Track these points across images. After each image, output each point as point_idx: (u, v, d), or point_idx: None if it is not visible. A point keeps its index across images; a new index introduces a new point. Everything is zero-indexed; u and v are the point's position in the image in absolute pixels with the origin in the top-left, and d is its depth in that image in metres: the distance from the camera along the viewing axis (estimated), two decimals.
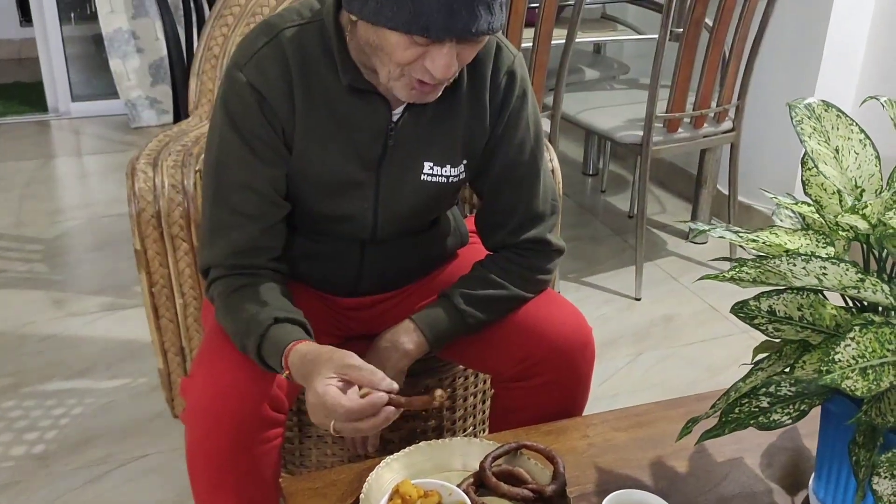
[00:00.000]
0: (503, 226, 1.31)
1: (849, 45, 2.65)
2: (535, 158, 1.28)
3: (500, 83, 1.23)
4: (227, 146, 1.19)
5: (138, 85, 3.82)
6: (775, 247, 1.00)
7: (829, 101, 0.99)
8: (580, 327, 1.29)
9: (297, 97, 1.17)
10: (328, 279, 1.35)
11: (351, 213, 1.25)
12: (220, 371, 1.17)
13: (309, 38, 1.16)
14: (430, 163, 1.24)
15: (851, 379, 0.84)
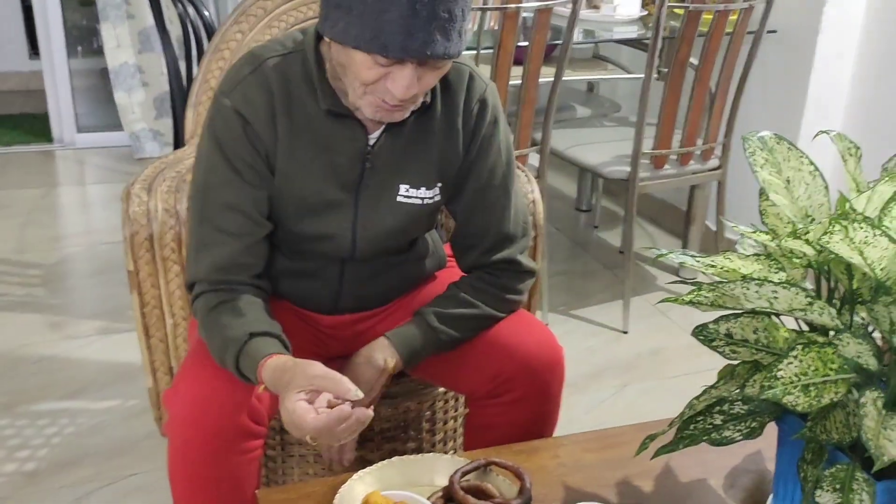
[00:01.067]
0: (476, 247, 1.36)
1: (833, 87, 2.72)
2: (506, 182, 1.34)
3: (472, 110, 1.29)
4: (213, 168, 1.25)
5: (142, 118, 3.91)
6: (731, 272, 1.05)
7: (781, 135, 1.04)
8: (550, 346, 1.34)
9: (279, 122, 1.23)
10: (309, 297, 1.40)
11: (330, 232, 1.30)
12: (200, 382, 1.22)
13: (291, 67, 1.23)
14: (405, 185, 1.30)
15: (793, 395, 0.88)
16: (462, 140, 1.30)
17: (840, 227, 0.84)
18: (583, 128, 2.86)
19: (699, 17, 2.31)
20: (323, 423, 1.06)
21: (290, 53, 1.24)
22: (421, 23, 1.07)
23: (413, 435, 1.60)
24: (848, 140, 1.04)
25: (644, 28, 2.75)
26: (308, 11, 1.84)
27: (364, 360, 1.30)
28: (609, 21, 2.72)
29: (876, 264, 0.87)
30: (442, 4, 1.07)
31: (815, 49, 2.65)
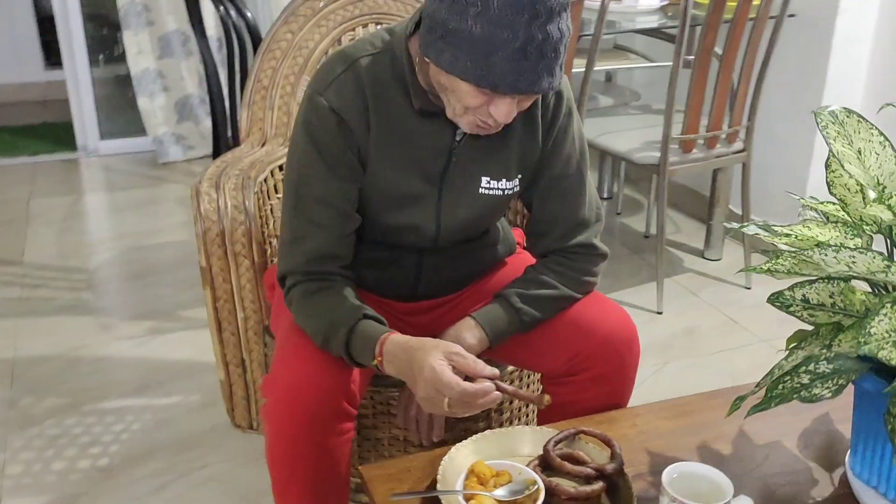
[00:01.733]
0: (551, 233, 1.42)
1: (851, 68, 2.79)
2: (580, 170, 1.41)
3: (549, 102, 1.36)
4: (307, 163, 1.31)
5: (165, 122, 3.96)
6: (807, 240, 1.12)
7: (849, 108, 1.11)
8: (626, 324, 1.40)
9: (371, 119, 1.29)
10: (388, 285, 1.47)
11: (415, 223, 1.37)
12: (299, 368, 1.28)
13: (381, 66, 1.29)
14: (487, 177, 1.36)
15: (886, 350, 0.95)
16: (541, 132, 1.36)
17: None
18: (607, 116, 2.92)
19: (724, 4, 2.38)
20: (472, 390, 1.15)
21: (380, 53, 1.30)
22: (530, 64, 1.12)
23: (481, 415, 1.66)
24: None
25: (665, 17, 2.81)
26: (354, 10, 1.90)
27: (453, 339, 1.36)
28: (631, 11, 2.79)
29: None
30: (549, 45, 1.12)
31: (833, 31, 2.72)
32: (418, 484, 1.20)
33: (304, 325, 1.32)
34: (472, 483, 1.14)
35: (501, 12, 1.10)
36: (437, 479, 1.17)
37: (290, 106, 1.87)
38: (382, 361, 1.24)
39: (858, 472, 1.19)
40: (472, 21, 1.12)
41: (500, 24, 1.11)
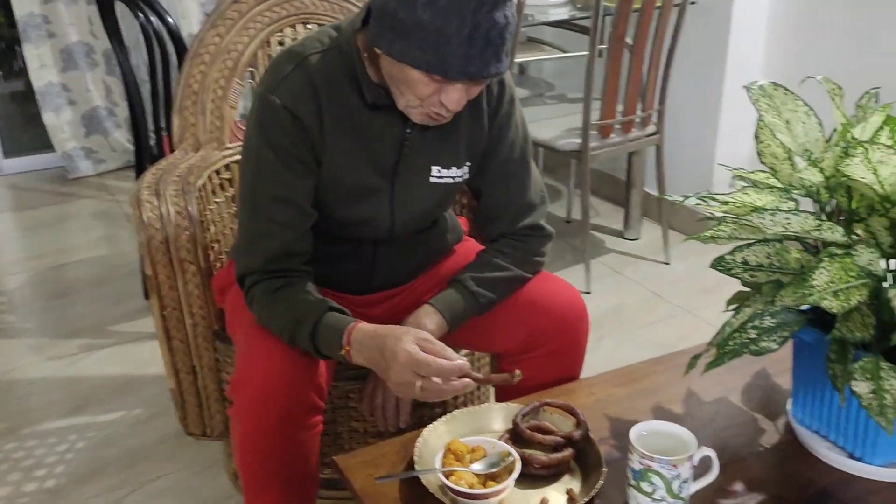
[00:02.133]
0: (501, 217, 1.48)
1: (749, 50, 2.95)
2: (525, 155, 1.47)
3: (493, 91, 1.41)
4: (262, 162, 1.32)
5: (73, 136, 3.84)
6: (745, 206, 1.20)
7: (776, 82, 1.20)
8: (577, 299, 1.47)
9: (324, 115, 1.32)
10: (344, 279, 1.49)
11: (371, 216, 1.40)
12: (266, 365, 1.29)
13: (331, 63, 1.32)
14: (437, 166, 1.40)
15: (828, 300, 1.04)
16: (486, 119, 1.41)
17: (862, 150, 1.00)
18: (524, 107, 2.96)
19: None
20: (448, 366, 1.18)
21: (329, 50, 1.32)
22: (478, 50, 1.17)
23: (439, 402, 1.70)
24: (832, 82, 1.21)
25: (574, 9, 2.91)
26: (282, 11, 1.91)
27: (413, 326, 1.37)
28: (544, 4, 2.87)
29: (886, 181, 1.03)
30: (495, 31, 1.18)
31: (731, 16, 2.87)
32: (395, 467, 1.23)
33: (268, 323, 1.33)
34: (449, 460, 1.18)
35: (450, 1, 1.15)
36: (413, 461, 1.21)
37: (221, 110, 1.86)
38: (350, 351, 1.26)
39: (800, 419, 1.28)
40: (422, 11, 1.16)
41: (448, 12, 1.15)
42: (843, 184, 1.10)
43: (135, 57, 3.28)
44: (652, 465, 1.09)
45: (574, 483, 1.20)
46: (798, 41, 2.88)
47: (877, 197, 1.08)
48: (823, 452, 1.23)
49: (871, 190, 1.08)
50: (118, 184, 3.79)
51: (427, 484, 1.16)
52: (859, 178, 1.04)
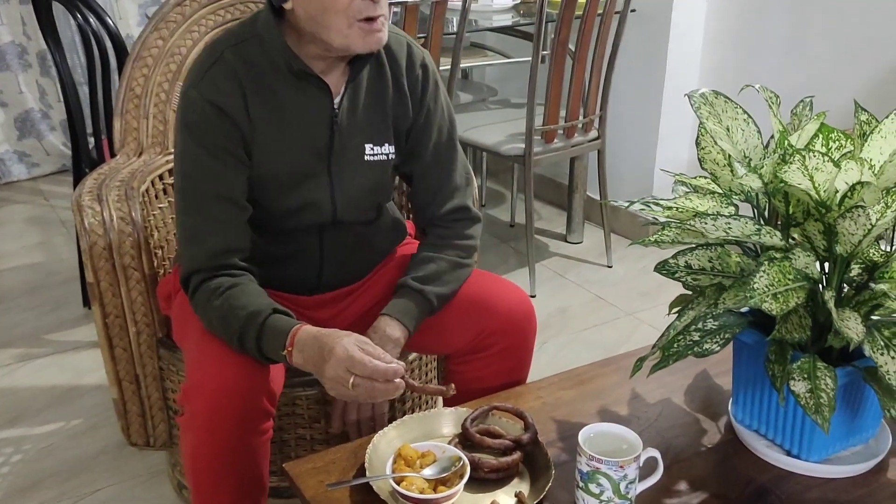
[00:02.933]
0: (432, 202, 1.51)
1: (686, 56, 3.02)
2: (452, 137, 1.52)
3: (417, 75, 1.45)
4: (193, 160, 1.33)
5: (5, 140, 3.73)
6: (687, 211, 1.23)
7: (717, 90, 1.23)
8: (524, 299, 1.50)
9: (250, 104, 1.33)
10: (292, 277, 1.49)
11: (312, 200, 1.41)
12: (218, 371, 1.28)
13: (252, 51, 1.33)
14: (370, 144, 1.43)
15: (768, 302, 1.07)
16: (411, 102, 1.45)
17: (799, 157, 1.03)
18: (468, 112, 3.02)
19: (576, 2, 2.52)
20: (382, 368, 1.18)
21: (249, 40, 1.34)
22: None
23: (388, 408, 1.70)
24: (769, 91, 1.25)
25: (518, 15, 2.94)
26: (227, 15, 1.89)
27: (380, 335, 1.39)
28: (488, 10, 2.90)
29: (821, 187, 1.07)
30: None
31: (669, 24, 2.93)
32: (346, 473, 1.23)
33: (214, 327, 1.32)
34: (400, 466, 1.18)
35: None
36: (364, 467, 1.21)
37: (165, 114, 1.83)
38: (292, 352, 1.26)
39: (741, 419, 1.32)
40: None
41: None
42: (781, 189, 1.14)
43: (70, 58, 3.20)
44: (599, 466, 1.11)
45: (523, 486, 1.21)
46: (734, 49, 2.96)
47: (812, 202, 1.12)
48: (763, 450, 1.27)
49: (808, 196, 1.12)
50: (53, 188, 3.69)
51: (378, 490, 1.16)
52: (796, 185, 1.08)
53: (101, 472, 1.93)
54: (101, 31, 2.10)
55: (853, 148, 1.15)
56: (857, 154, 1.13)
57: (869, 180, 1.07)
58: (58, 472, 1.93)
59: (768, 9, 2.81)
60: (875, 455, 1.25)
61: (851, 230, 1.08)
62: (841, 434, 1.23)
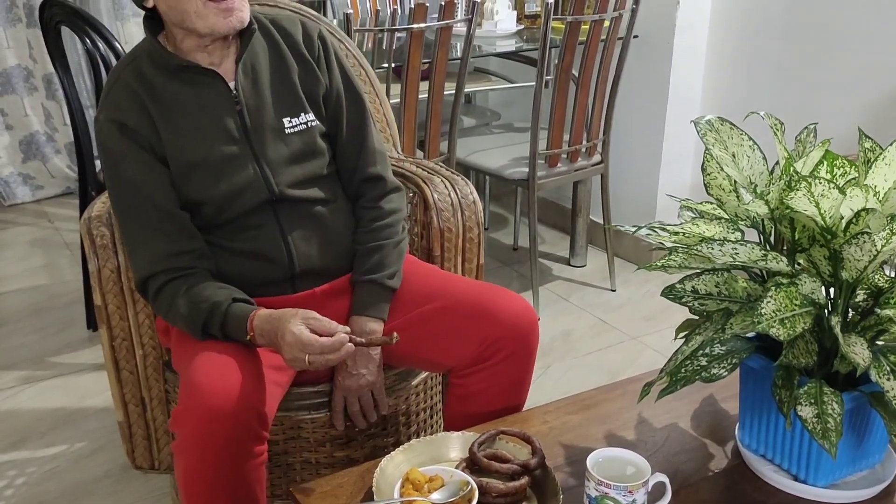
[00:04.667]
0: (354, 168, 1.58)
1: (689, 81, 3.04)
2: (363, 105, 1.59)
3: (316, 45, 1.53)
4: (115, 177, 1.42)
5: (10, 162, 3.75)
6: (694, 236, 1.24)
7: (723, 117, 1.24)
8: (527, 308, 1.52)
9: (151, 111, 1.41)
10: (264, 276, 1.51)
11: (244, 181, 1.46)
12: (208, 396, 1.28)
13: (142, 65, 1.43)
14: (286, 118, 1.49)
15: (775, 327, 1.07)
16: (318, 70, 1.53)
17: (805, 184, 1.04)
18: (471, 136, 3.04)
19: (579, 28, 2.55)
20: (329, 343, 1.27)
21: (138, 56, 1.44)
22: None
23: (391, 430, 1.70)
24: (774, 118, 1.26)
25: (521, 40, 2.97)
26: None
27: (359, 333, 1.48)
28: (492, 36, 2.92)
29: (826, 213, 1.08)
30: None
31: (672, 49, 2.96)
32: (353, 498, 1.23)
33: (179, 318, 1.39)
34: (408, 490, 1.18)
35: None
36: (372, 491, 1.21)
37: None
38: (254, 336, 1.35)
39: (748, 443, 1.32)
40: None
41: None
42: (787, 216, 1.15)
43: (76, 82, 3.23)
44: (608, 491, 1.11)
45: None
46: (736, 74, 2.98)
47: (818, 228, 1.13)
48: (770, 475, 1.27)
49: (813, 222, 1.13)
50: (57, 210, 3.71)
51: None
52: (802, 211, 1.09)
53: (106, 495, 1.93)
54: (108, 55, 2.12)
55: (858, 175, 1.16)
56: (861, 181, 1.14)
57: (874, 207, 1.08)
58: (62, 495, 1.93)
59: (770, 34, 2.84)
60: (882, 480, 1.25)
61: (857, 256, 1.09)
62: (848, 459, 1.23)
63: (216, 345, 1.39)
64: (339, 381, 1.52)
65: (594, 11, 2.56)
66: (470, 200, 1.82)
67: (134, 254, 1.44)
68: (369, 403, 1.54)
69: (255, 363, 1.39)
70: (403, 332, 1.52)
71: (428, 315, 1.53)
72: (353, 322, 1.51)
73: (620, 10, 2.64)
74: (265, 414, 1.34)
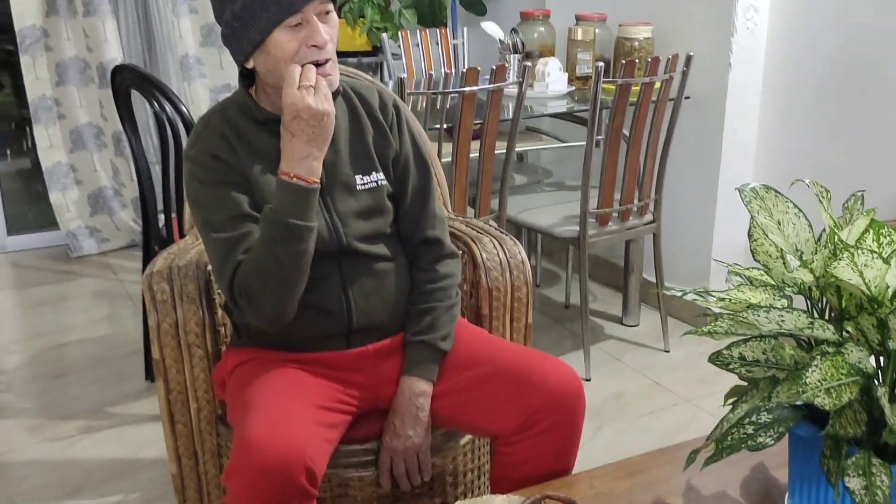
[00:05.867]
0: (415, 229, 1.63)
1: (742, 142, 3.04)
2: (429, 171, 1.66)
3: (391, 112, 1.63)
4: (206, 200, 1.49)
5: (78, 215, 3.90)
6: (740, 302, 1.24)
7: (767, 185, 1.25)
8: (573, 377, 1.52)
9: (239, 152, 1.49)
10: (321, 331, 1.54)
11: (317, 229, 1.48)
12: (259, 452, 1.31)
13: (231, 113, 1.53)
14: (359, 175, 1.56)
15: (820, 397, 1.06)
16: (391, 135, 1.61)
17: (848, 254, 1.04)
18: (523, 194, 3.07)
19: (629, 89, 2.58)
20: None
21: (228, 105, 1.55)
22: None
23: (438, 490, 1.70)
24: (820, 185, 1.26)
25: (572, 101, 3.01)
26: None
27: (409, 394, 1.53)
28: (543, 97, 2.97)
29: (871, 283, 1.08)
30: None
31: (724, 110, 2.97)
32: None
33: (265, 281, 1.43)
34: None
35: None
36: None
37: None
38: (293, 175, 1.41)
39: None
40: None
41: None
42: (833, 284, 1.14)
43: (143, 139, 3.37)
44: None
45: None
46: (789, 136, 2.97)
47: (864, 297, 1.12)
48: None
49: (859, 291, 1.12)
50: (121, 262, 3.84)
51: None
52: (847, 280, 1.08)
53: None
54: (175, 117, 2.22)
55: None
56: None
57: None
58: None
59: (823, 96, 2.83)
60: None
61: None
62: None
63: (270, 399, 1.42)
64: (387, 442, 1.53)
65: (645, 74, 2.59)
66: (518, 260, 1.84)
67: (221, 263, 1.48)
68: (414, 466, 1.55)
69: (307, 419, 1.41)
70: (449, 398, 1.55)
71: (473, 381, 1.54)
72: (403, 381, 1.55)
73: (671, 72, 2.67)
74: (315, 471, 1.35)
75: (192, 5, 3.87)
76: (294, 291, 1.46)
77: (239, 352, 1.60)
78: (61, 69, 3.75)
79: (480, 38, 3.53)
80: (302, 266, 1.45)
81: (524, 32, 3.16)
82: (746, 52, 2.93)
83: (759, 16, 2.91)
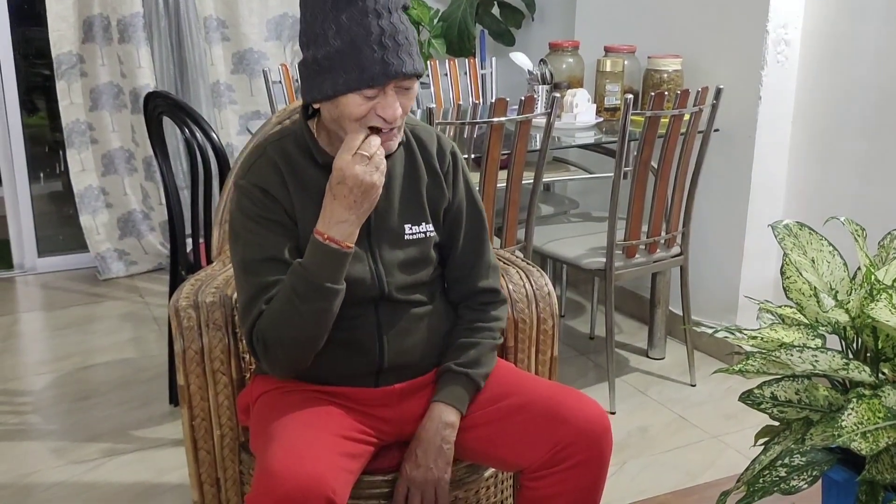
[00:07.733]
0: (467, 278, 1.63)
1: (772, 175, 3.01)
2: (483, 220, 1.65)
3: (448, 160, 1.61)
4: (245, 235, 1.47)
5: (107, 238, 3.94)
6: (772, 341, 1.22)
7: (801, 222, 1.23)
8: (600, 413, 1.50)
9: (290, 186, 1.48)
10: (354, 363, 1.53)
11: (356, 275, 1.49)
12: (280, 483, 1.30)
13: (288, 145, 1.51)
14: (408, 224, 1.55)
15: (857, 441, 1.04)
16: (445, 185, 1.60)
17: (886, 295, 1.02)
18: (549, 224, 3.06)
19: (658, 122, 2.57)
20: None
21: (285, 137, 1.54)
22: (391, 52, 1.37)
23: None
24: (854, 223, 1.24)
25: (600, 132, 3.00)
26: None
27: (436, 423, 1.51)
28: (571, 128, 2.97)
29: None
30: (399, 33, 1.38)
31: (754, 143, 2.95)
32: None
33: (285, 333, 1.43)
34: None
35: (351, 21, 1.36)
36: None
37: None
38: (327, 237, 1.40)
39: None
40: (332, 41, 1.37)
41: (353, 31, 1.36)
42: (869, 325, 1.12)
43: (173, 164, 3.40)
44: None
45: None
46: (820, 170, 2.94)
47: None
48: None
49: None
50: (148, 286, 3.86)
51: None
52: (884, 322, 1.06)
53: None
54: (205, 143, 2.24)
55: None
56: None
57: None
58: None
59: (854, 131, 2.80)
60: None
61: None
62: None
63: (294, 430, 1.42)
64: (406, 471, 1.52)
65: (674, 106, 2.58)
66: (545, 292, 1.83)
67: (247, 305, 1.47)
68: (431, 499, 1.51)
69: (329, 450, 1.40)
70: (477, 430, 1.53)
71: (500, 414, 1.53)
72: (434, 408, 1.53)
73: (700, 105, 2.66)
74: (337, 502, 1.34)
75: (224, 33, 3.92)
76: (311, 348, 1.46)
77: (266, 379, 1.60)
78: (95, 94, 3.80)
79: (509, 69, 3.54)
80: (323, 324, 1.44)
81: (553, 63, 3.16)
82: (777, 86, 2.92)
83: (790, 49, 2.90)
